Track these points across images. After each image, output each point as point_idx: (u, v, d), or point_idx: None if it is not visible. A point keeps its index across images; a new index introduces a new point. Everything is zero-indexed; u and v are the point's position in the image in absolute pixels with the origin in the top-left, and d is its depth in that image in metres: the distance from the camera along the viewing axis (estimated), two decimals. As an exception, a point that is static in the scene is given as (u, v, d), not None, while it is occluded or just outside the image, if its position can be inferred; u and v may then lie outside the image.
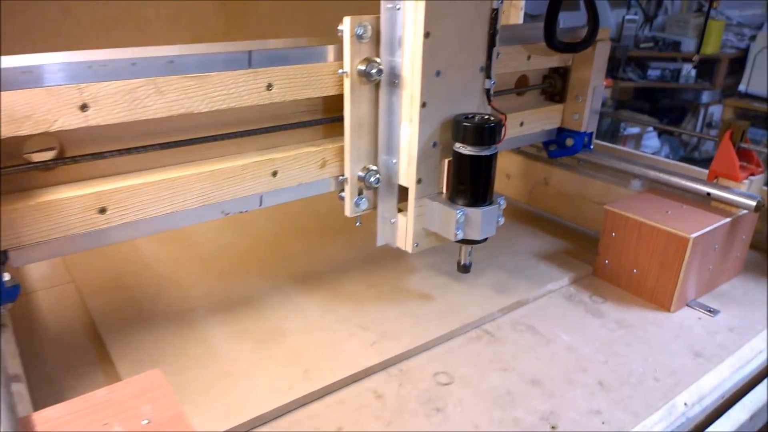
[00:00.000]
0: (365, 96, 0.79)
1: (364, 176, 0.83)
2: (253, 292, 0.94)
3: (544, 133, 1.14)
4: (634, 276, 0.97)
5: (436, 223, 0.84)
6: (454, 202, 0.82)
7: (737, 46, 3.04)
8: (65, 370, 0.76)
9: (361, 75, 0.77)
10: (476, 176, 0.81)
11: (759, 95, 2.90)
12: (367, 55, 0.77)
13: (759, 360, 0.82)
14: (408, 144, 0.81)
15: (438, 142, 0.82)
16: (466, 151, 0.79)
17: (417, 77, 0.76)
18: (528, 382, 0.77)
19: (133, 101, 0.66)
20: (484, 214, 0.82)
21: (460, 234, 0.82)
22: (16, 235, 0.63)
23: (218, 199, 0.77)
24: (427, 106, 0.78)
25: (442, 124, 0.81)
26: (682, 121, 3.04)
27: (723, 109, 3.02)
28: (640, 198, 1.02)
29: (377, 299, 0.92)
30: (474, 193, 0.82)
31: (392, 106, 0.81)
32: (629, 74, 2.90)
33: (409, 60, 0.76)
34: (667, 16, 3.10)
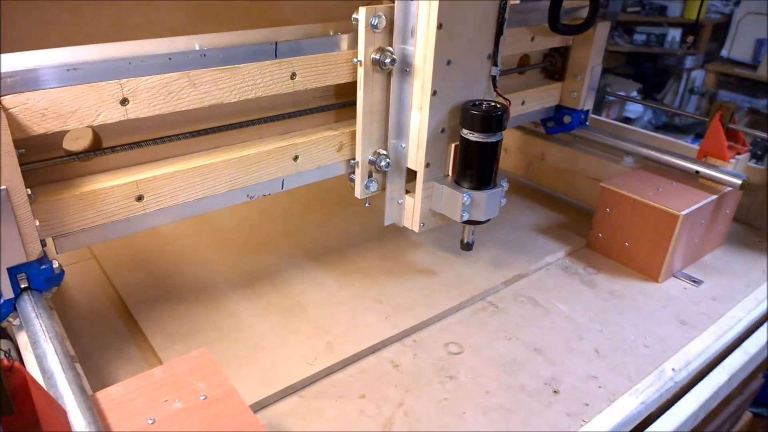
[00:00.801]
0: (378, 84, 0.83)
1: (375, 160, 0.87)
2: (272, 266, 0.99)
3: (543, 110, 1.19)
4: (625, 249, 1.04)
5: (443, 205, 0.89)
6: (460, 185, 0.88)
7: (721, 11, 3.08)
8: (101, 346, 0.81)
9: (375, 64, 0.80)
10: (482, 161, 0.86)
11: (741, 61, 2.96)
12: (380, 45, 0.80)
13: (738, 328, 0.91)
14: (417, 130, 0.85)
15: (446, 128, 0.86)
16: (474, 137, 0.84)
17: (429, 67, 0.79)
18: (531, 350, 0.84)
19: (169, 94, 0.69)
20: (489, 197, 0.87)
21: (465, 216, 0.88)
22: (62, 224, 0.67)
23: (244, 184, 0.81)
24: (438, 94, 0.82)
25: (450, 111, 0.85)
26: (664, 86, 3.10)
27: (705, 75, 3.09)
28: (634, 175, 1.09)
29: (389, 273, 0.98)
30: (480, 177, 0.87)
31: (403, 93, 0.84)
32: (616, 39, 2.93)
33: (421, 50, 0.80)
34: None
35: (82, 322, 0.85)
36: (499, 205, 0.90)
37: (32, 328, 0.60)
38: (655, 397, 0.77)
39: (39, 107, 0.61)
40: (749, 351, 0.88)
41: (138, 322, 0.85)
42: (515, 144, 1.35)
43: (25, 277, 0.66)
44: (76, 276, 0.96)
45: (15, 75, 0.59)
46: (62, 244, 0.69)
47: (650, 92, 3.12)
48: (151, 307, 0.88)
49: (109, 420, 0.52)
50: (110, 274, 0.95)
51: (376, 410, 0.72)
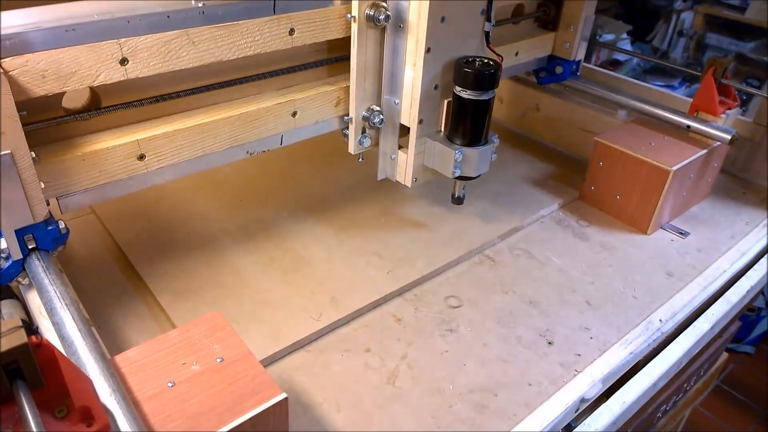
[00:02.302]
0: (371, 40, 0.82)
1: (369, 116, 0.87)
2: (272, 220, 1.00)
3: (536, 60, 1.19)
4: (616, 201, 1.07)
5: (435, 160, 0.90)
6: (452, 142, 0.88)
7: (714, -50, 3.02)
8: (109, 303, 0.82)
9: (369, 20, 0.79)
10: (475, 119, 0.87)
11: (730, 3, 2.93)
12: (374, 0, 0.78)
13: (722, 279, 0.95)
14: (411, 87, 0.85)
15: (439, 84, 0.86)
16: (466, 95, 0.84)
17: (423, 23, 0.78)
18: (526, 303, 0.87)
19: (168, 53, 0.68)
20: (480, 153, 0.89)
21: (457, 172, 0.89)
22: (66, 184, 0.67)
23: (244, 141, 0.81)
24: (432, 51, 0.81)
25: (443, 68, 0.85)
26: (654, 28, 3.07)
27: (694, 16, 3.06)
28: (627, 129, 1.10)
29: (389, 227, 1.00)
30: (471, 134, 0.88)
31: (397, 49, 0.83)
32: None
33: (415, 6, 0.78)
34: None
35: (87, 279, 0.86)
36: (490, 160, 0.91)
37: (47, 295, 0.61)
38: (643, 347, 0.81)
39: (39, 69, 0.60)
40: (731, 300, 0.93)
41: (143, 278, 0.85)
42: (510, 94, 1.35)
43: (32, 238, 0.66)
44: (76, 231, 0.95)
45: (13, 37, 0.57)
46: (66, 204, 0.69)
47: (640, 33, 3.08)
48: (154, 263, 0.88)
49: (129, 383, 0.54)
50: (111, 229, 0.95)
51: (381, 363, 0.76)
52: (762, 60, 2.71)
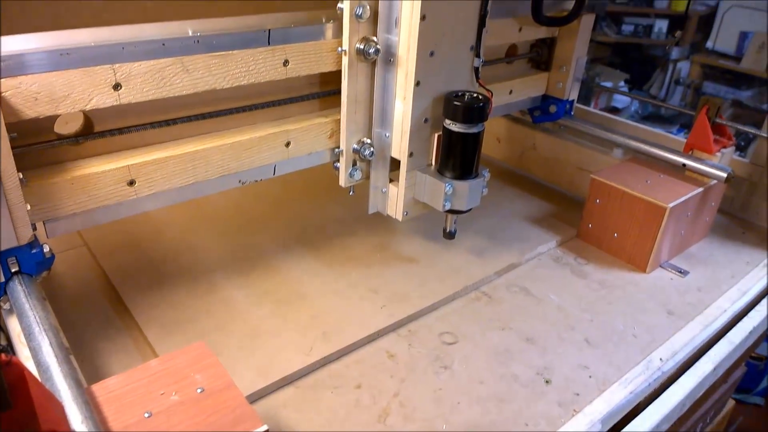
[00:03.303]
0: (362, 73, 0.82)
1: (359, 149, 0.87)
2: (267, 253, 0.98)
3: (530, 99, 1.20)
4: (614, 239, 1.06)
5: (426, 194, 0.89)
6: (442, 175, 0.88)
7: (707, 4, 3.11)
8: (94, 336, 0.79)
9: (359, 53, 0.80)
10: (465, 152, 0.86)
11: (726, 53, 3.00)
12: (365, 35, 0.79)
13: (723, 318, 0.92)
14: (401, 119, 0.85)
15: (429, 117, 0.86)
16: (456, 128, 0.84)
17: (412, 57, 0.79)
18: (524, 340, 0.85)
19: (162, 79, 0.68)
20: (471, 186, 0.88)
21: (447, 205, 0.88)
22: (54, 207, 0.66)
23: (236, 169, 0.80)
24: (421, 84, 0.82)
25: (433, 101, 0.85)
26: (651, 77, 3.13)
27: (690, 66, 3.12)
28: (623, 167, 1.09)
29: (384, 262, 0.98)
30: (462, 167, 0.87)
31: (387, 83, 0.84)
32: (605, 29, 2.94)
33: (405, 40, 0.79)
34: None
35: (73, 311, 0.84)
36: (481, 194, 0.91)
37: (26, 320, 0.59)
38: (643, 386, 0.78)
39: (31, 91, 0.60)
40: (734, 341, 0.90)
41: (131, 311, 0.84)
42: (508, 134, 1.35)
43: (15, 261, 0.65)
44: (67, 263, 0.94)
45: (8, 59, 0.58)
46: (53, 228, 0.68)
47: (637, 82, 3.14)
48: (144, 296, 0.87)
49: (105, 413, 0.52)
50: (101, 261, 0.94)
51: (372, 401, 0.73)
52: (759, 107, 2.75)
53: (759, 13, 2.96)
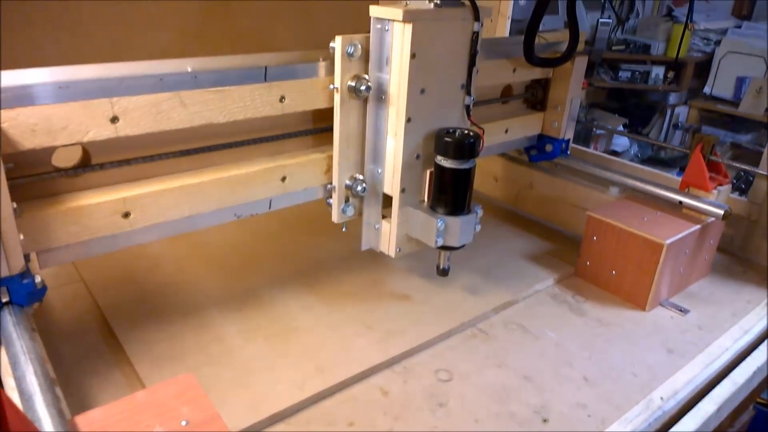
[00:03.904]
0: (354, 110, 0.84)
1: (352, 185, 0.88)
2: (262, 288, 0.98)
3: (526, 139, 1.22)
4: (612, 277, 1.05)
5: (418, 230, 0.89)
6: (435, 211, 0.88)
7: (703, 50, 3.17)
8: (84, 370, 0.79)
9: (351, 91, 0.81)
10: (456, 187, 0.87)
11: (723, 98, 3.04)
12: (356, 72, 0.81)
13: (725, 357, 0.91)
14: (393, 156, 0.86)
15: (421, 154, 0.87)
16: (447, 164, 0.85)
17: (403, 94, 0.81)
18: (521, 378, 0.83)
19: (159, 113, 0.69)
20: (463, 222, 0.88)
21: (440, 241, 0.88)
22: (47, 239, 0.67)
23: (232, 203, 0.81)
24: (412, 121, 0.83)
25: (425, 138, 0.86)
26: (650, 121, 3.17)
27: (689, 111, 3.16)
28: (619, 205, 1.10)
29: (378, 298, 0.98)
30: (454, 203, 0.88)
31: (379, 119, 0.86)
32: (602, 75, 3.00)
33: (396, 78, 0.81)
34: (639, 20, 3.21)
35: (67, 345, 0.83)
36: (474, 230, 0.91)
37: (12, 349, 0.59)
38: (643, 426, 0.76)
39: (29, 123, 0.61)
40: (737, 381, 0.88)
41: (123, 345, 0.83)
42: (505, 173, 1.36)
43: (6, 291, 0.64)
44: (62, 298, 0.94)
45: (7, 91, 0.59)
46: (46, 259, 0.69)
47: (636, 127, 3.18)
48: (137, 330, 0.86)
49: (87, 443, 0.51)
50: (97, 296, 0.94)
51: (363, 437, 0.71)
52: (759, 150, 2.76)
53: (755, 59, 3.02)
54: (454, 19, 0.81)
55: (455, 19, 0.81)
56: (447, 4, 0.79)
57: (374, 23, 0.79)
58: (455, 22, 0.81)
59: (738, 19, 3.34)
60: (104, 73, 0.65)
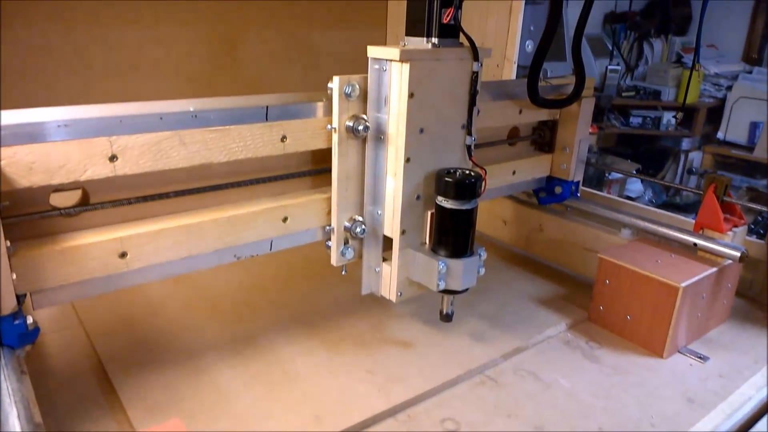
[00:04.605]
0: (352, 150, 0.83)
1: (350, 227, 0.86)
2: (262, 334, 0.96)
3: (534, 181, 1.20)
4: (627, 322, 1.01)
5: (419, 273, 0.87)
6: (436, 253, 0.86)
7: (714, 96, 3.18)
8: (76, 416, 0.76)
9: (349, 131, 0.81)
10: (458, 229, 0.85)
11: (737, 143, 3.02)
12: (354, 112, 0.81)
13: (749, 406, 0.85)
14: (393, 196, 0.85)
15: (421, 194, 0.86)
16: (448, 204, 0.83)
17: (402, 134, 0.80)
18: (532, 429, 0.79)
19: (158, 152, 0.69)
20: (466, 265, 0.85)
21: (442, 284, 0.85)
22: (41, 279, 0.65)
23: (232, 244, 0.80)
24: (411, 161, 0.82)
25: (425, 178, 0.85)
26: (663, 167, 3.15)
27: (702, 156, 3.14)
28: (632, 247, 1.07)
29: (383, 342, 0.95)
30: (455, 245, 0.85)
31: (378, 160, 0.85)
32: (612, 121, 3.01)
33: (394, 118, 0.81)
34: (648, 67, 3.24)
35: (60, 391, 0.81)
36: (478, 273, 0.88)
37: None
38: (664, 480, 0.71)
39: (26, 161, 0.61)
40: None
41: (118, 392, 0.80)
42: (514, 216, 1.34)
43: (-4, 333, 0.63)
44: (60, 343, 0.93)
45: (6, 129, 0.59)
46: (39, 300, 0.67)
47: (649, 173, 3.16)
48: (133, 376, 0.84)
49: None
50: (95, 341, 0.92)
51: (363, 490, 0.67)
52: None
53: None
54: (453, 58, 0.80)
55: (453, 58, 0.81)
56: (445, 44, 0.79)
57: (372, 63, 0.79)
58: (453, 61, 0.81)
59: (748, 64, 3.36)
60: (104, 112, 0.65)
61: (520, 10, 1.37)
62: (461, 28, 0.79)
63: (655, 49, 3.26)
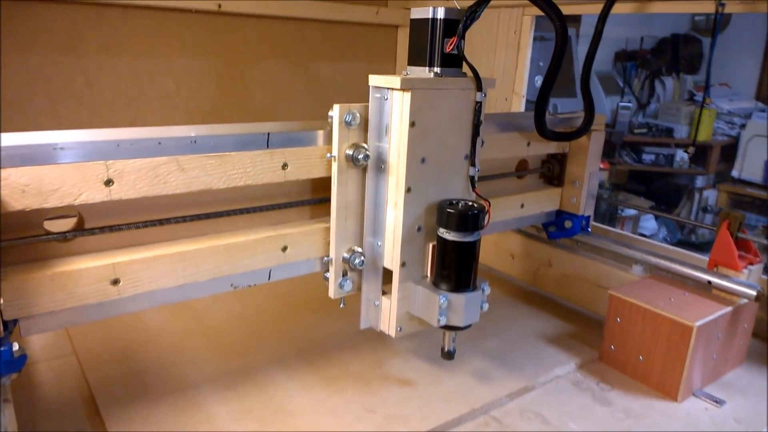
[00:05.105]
0: (352, 179, 0.81)
1: (349, 258, 0.83)
2: (260, 367, 0.93)
3: (543, 214, 1.17)
4: (640, 363, 0.97)
5: (419, 307, 0.84)
6: (437, 287, 0.83)
7: (728, 134, 3.15)
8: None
9: (349, 159, 0.79)
10: (460, 262, 0.82)
11: (752, 181, 2.98)
12: (355, 141, 0.79)
13: (770, 455, 0.81)
14: (393, 227, 0.82)
15: (422, 226, 0.83)
16: (450, 236, 0.80)
17: (402, 163, 0.78)
18: (536, 473, 0.75)
19: (156, 177, 0.68)
20: (468, 300, 0.82)
21: (443, 320, 0.82)
22: (30, 305, 0.64)
23: (229, 272, 0.78)
24: (412, 191, 0.80)
25: (426, 209, 0.83)
26: (677, 204, 3.11)
27: (717, 194, 3.09)
28: (644, 284, 1.03)
29: (383, 379, 0.91)
30: (457, 279, 0.82)
31: (378, 189, 0.83)
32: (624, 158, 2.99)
33: (395, 147, 0.79)
34: (660, 104, 3.23)
35: (48, 422, 0.79)
36: (481, 309, 0.85)
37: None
38: None
39: (20, 183, 0.60)
40: (785, 484, 0.78)
41: (106, 425, 0.78)
42: (522, 250, 1.31)
43: (-20, 360, 0.61)
44: (52, 372, 0.91)
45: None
46: (29, 326, 0.66)
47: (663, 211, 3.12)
48: (124, 409, 0.81)
49: None
50: (87, 371, 0.90)
51: None
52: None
53: (782, 142, 2.98)
54: (455, 88, 0.79)
55: (456, 88, 0.79)
56: (447, 74, 0.78)
57: (373, 92, 0.78)
58: (456, 91, 0.80)
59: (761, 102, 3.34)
60: (101, 136, 0.64)
61: (528, 45, 1.37)
62: (464, 57, 0.78)
63: (667, 86, 3.26)
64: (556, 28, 0.87)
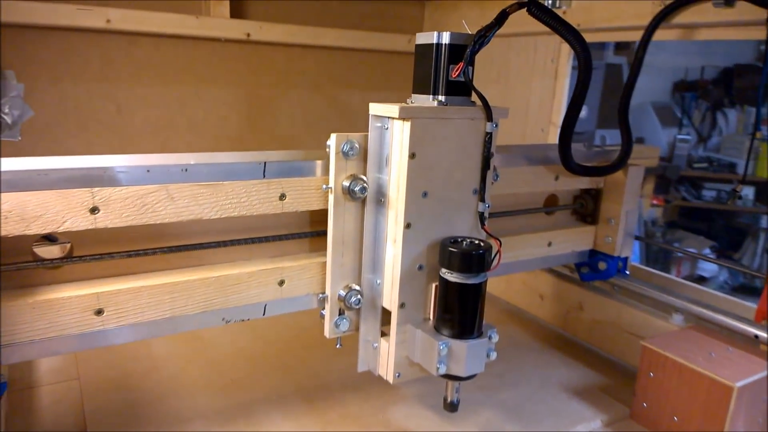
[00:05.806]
0: (350, 212, 0.77)
1: (345, 295, 0.78)
2: (258, 405, 0.90)
3: (574, 254, 1.09)
4: (674, 424, 0.87)
5: (418, 353, 0.77)
6: (438, 332, 0.76)
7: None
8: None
9: (346, 192, 0.75)
10: (463, 305, 0.74)
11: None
12: (353, 172, 0.75)
13: None
14: (392, 265, 0.77)
15: (424, 264, 0.77)
16: (452, 277, 0.73)
17: (402, 197, 0.73)
18: None
19: (144, 206, 0.66)
20: (471, 347, 0.74)
21: (442, 368, 0.74)
22: (11, 332, 0.63)
23: (220, 306, 0.75)
24: (412, 227, 0.74)
25: (429, 246, 0.77)
26: (741, 244, 2.90)
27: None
28: (682, 335, 0.94)
29: (384, 426, 0.86)
30: (460, 324, 0.75)
31: (378, 224, 0.78)
32: (683, 193, 2.82)
33: (395, 179, 0.74)
34: (722, 137, 3.05)
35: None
36: (487, 358, 0.77)
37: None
38: None
39: (2, 209, 0.59)
40: None
41: (94, 457, 0.76)
42: (553, 291, 1.23)
43: (-44, 389, 0.60)
44: (52, 397, 0.90)
45: (-19, 176, 0.58)
46: (8, 355, 0.64)
47: (726, 251, 2.91)
48: (114, 441, 0.79)
49: None
50: (86, 399, 0.89)
51: None
52: None
53: None
54: (462, 118, 0.74)
55: (463, 118, 0.74)
56: (453, 102, 0.73)
57: (373, 121, 0.74)
58: (463, 121, 0.74)
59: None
60: (87, 163, 0.63)
61: (567, 74, 1.31)
62: (472, 85, 0.72)
63: (730, 119, 3.07)
64: (579, 57, 0.81)
